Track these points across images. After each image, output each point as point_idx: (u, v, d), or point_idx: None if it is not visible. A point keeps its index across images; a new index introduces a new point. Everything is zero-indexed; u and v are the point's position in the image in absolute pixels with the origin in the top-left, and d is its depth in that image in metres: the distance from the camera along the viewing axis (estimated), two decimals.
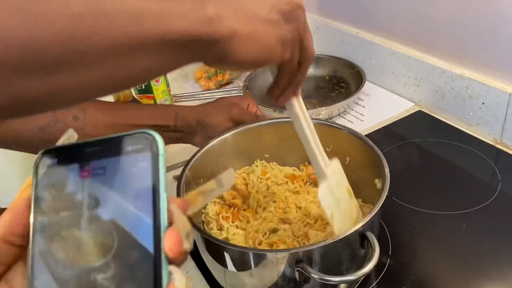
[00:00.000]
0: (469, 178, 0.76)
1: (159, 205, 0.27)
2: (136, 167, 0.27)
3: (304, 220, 0.59)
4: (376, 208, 0.51)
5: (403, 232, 0.66)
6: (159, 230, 0.26)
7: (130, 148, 0.28)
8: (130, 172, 0.27)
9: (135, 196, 0.27)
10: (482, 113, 0.83)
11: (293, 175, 0.69)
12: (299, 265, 0.47)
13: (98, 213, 0.27)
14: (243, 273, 0.52)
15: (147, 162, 0.27)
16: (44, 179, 0.28)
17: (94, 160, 0.28)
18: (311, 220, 0.59)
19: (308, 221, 0.59)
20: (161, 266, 0.26)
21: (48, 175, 0.28)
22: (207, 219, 0.65)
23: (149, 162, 0.27)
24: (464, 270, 0.60)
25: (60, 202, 0.28)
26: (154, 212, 0.26)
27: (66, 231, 0.27)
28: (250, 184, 0.67)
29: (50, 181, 0.28)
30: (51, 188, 0.28)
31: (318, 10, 1.18)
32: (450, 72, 0.87)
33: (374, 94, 1.01)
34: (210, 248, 0.54)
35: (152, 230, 0.26)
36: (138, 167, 0.27)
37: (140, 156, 0.27)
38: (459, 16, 0.82)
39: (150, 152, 0.27)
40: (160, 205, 0.27)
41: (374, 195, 0.59)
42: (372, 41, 1.02)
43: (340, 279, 0.48)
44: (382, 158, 0.58)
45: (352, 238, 0.49)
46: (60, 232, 0.27)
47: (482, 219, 0.67)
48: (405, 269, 0.60)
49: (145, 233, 0.26)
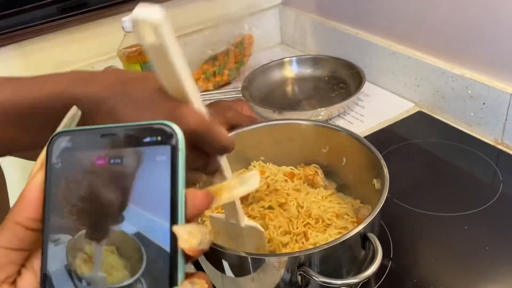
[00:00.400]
0: (470, 179, 0.75)
1: (176, 203, 0.26)
2: (154, 161, 0.26)
3: (305, 219, 0.59)
4: (377, 209, 0.50)
5: (404, 234, 0.65)
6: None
7: (148, 140, 0.27)
8: (148, 165, 0.26)
9: (152, 192, 0.26)
10: (482, 113, 0.83)
11: (292, 173, 0.68)
12: (301, 269, 0.46)
13: (113, 207, 0.27)
14: (242, 278, 0.51)
15: (166, 156, 0.26)
16: (57, 164, 0.28)
17: (111, 149, 0.27)
18: (311, 220, 0.58)
19: (309, 221, 0.58)
20: (177, 264, 0.25)
21: (62, 160, 0.28)
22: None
23: (168, 156, 0.26)
24: (466, 272, 0.59)
25: (74, 190, 0.27)
26: (172, 210, 0.26)
27: (78, 220, 0.27)
28: None
29: (64, 167, 0.27)
30: (65, 175, 0.27)
31: (317, 10, 1.17)
32: (451, 72, 0.86)
33: (374, 95, 1.01)
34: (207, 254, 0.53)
35: (168, 228, 0.26)
36: (157, 160, 0.26)
37: (158, 148, 0.27)
38: (459, 16, 0.82)
39: (169, 146, 0.26)
40: (178, 203, 0.26)
41: (373, 196, 0.58)
42: (372, 41, 1.01)
43: (343, 282, 0.47)
44: (380, 158, 0.58)
45: (354, 240, 0.49)
46: (73, 220, 0.27)
47: (484, 221, 0.66)
48: (407, 272, 0.60)
49: (160, 230, 0.26)
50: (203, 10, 1.17)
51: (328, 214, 0.60)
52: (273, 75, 1.09)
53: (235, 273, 0.51)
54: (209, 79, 1.12)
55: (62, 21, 0.98)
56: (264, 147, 0.70)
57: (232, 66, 1.12)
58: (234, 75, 1.13)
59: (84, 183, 0.27)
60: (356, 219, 0.60)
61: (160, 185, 0.26)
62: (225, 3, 1.19)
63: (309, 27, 1.19)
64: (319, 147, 0.69)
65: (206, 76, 1.12)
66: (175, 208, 0.26)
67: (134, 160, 0.27)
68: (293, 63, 1.10)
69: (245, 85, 1.01)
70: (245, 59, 1.16)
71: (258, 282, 0.50)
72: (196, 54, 1.17)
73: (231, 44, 1.16)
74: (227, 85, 1.13)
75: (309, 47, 1.22)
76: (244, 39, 1.17)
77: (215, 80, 1.11)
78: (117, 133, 0.27)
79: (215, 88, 1.11)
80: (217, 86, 1.12)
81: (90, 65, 1.05)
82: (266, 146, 0.70)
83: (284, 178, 0.67)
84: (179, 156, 0.26)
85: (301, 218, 0.59)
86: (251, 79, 1.04)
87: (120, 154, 0.27)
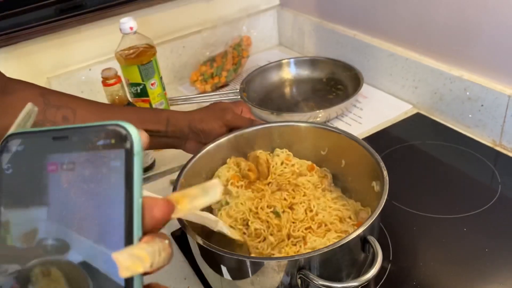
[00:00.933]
0: (468, 180, 0.75)
1: (132, 215, 0.24)
2: (107, 167, 0.24)
3: (309, 223, 0.58)
4: (377, 211, 0.50)
5: (404, 236, 0.65)
6: (131, 243, 0.24)
7: (102, 143, 0.25)
8: (101, 171, 0.24)
9: (106, 203, 0.24)
10: (481, 115, 0.83)
11: (312, 166, 0.68)
12: (301, 272, 0.46)
13: (65, 216, 0.24)
14: (242, 281, 0.51)
15: (120, 161, 0.24)
16: (9, 168, 0.26)
17: (63, 153, 0.25)
18: (314, 225, 0.58)
19: (311, 225, 0.58)
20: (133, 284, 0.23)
21: (14, 164, 0.26)
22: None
23: (122, 161, 0.24)
24: (466, 274, 0.59)
25: (25, 197, 0.25)
26: (127, 223, 0.24)
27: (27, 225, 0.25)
28: (273, 166, 0.66)
29: (15, 172, 0.26)
30: (16, 180, 0.25)
31: (315, 12, 1.17)
32: (449, 74, 0.86)
33: (372, 96, 1.00)
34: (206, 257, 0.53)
35: (123, 241, 0.24)
36: (110, 166, 0.24)
37: (112, 152, 0.24)
38: (458, 17, 0.82)
39: (123, 149, 0.24)
40: (133, 215, 0.24)
41: (372, 198, 0.58)
42: (370, 43, 1.01)
43: (343, 285, 0.47)
44: (380, 161, 0.57)
45: (354, 243, 0.49)
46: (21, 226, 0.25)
47: (483, 222, 0.66)
48: (406, 274, 0.59)
49: (115, 242, 0.24)
50: (201, 12, 1.17)
51: (332, 217, 0.59)
52: (271, 76, 1.09)
53: (234, 276, 0.51)
54: (207, 80, 1.12)
55: (60, 23, 0.98)
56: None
57: (230, 68, 1.12)
58: (232, 77, 1.13)
59: (35, 191, 0.25)
60: (356, 222, 0.60)
61: (115, 195, 0.24)
62: (223, 5, 1.19)
63: (307, 28, 1.19)
64: (318, 149, 0.68)
65: (204, 78, 1.12)
66: (131, 221, 0.24)
67: (87, 165, 0.25)
68: (291, 65, 1.10)
69: (243, 86, 1.01)
70: (243, 61, 1.16)
71: (257, 286, 0.50)
72: (194, 56, 1.17)
73: (229, 45, 1.16)
74: (225, 87, 1.13)
75: (307, 48, 1.22)
76: (242, 41, 1.17)
77: (213, 82, 1.11)
78: (69, 136, 0.25)
79: (213, 89, 1.11)
80: (215, 88, 1.11)
81: (87, 67, 1.05)
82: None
83: (306, 172, 0.67)
84: (135, 161, 0.24)
85: (305, 222, 0.59)
86: (249, 80, 1.04)
87: (73, 159, 0.25)
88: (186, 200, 0.26)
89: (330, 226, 0.58)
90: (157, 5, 1.09)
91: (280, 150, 0.69)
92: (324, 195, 0.64)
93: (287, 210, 0.60)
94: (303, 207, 0.60)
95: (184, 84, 1.17)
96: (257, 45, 1.26)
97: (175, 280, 0.62)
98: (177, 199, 0.26)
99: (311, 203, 0.61)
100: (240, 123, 0.69)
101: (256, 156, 0.67)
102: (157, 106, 0.90)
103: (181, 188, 0.59)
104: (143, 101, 0.89)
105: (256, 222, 0.58)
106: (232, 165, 0.67)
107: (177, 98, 1.04)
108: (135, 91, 0.87)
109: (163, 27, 1.13)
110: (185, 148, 0.71)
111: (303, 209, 0.60)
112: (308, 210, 0.60)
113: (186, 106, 1.01)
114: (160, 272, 0.25)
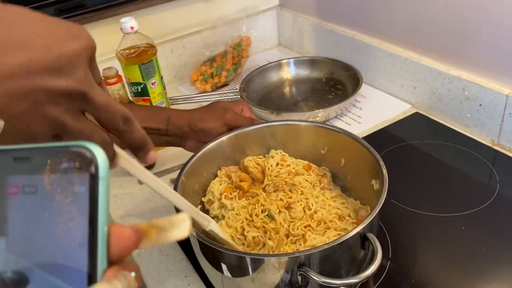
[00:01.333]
0: (467, 179, 0.76)
1: (96, 245, 0.22)
2: (70, 192, 0.23)
3: (308, 221, 0.59)
4: (376, 208, 0.50)
5: (402, 234, 0.66)
6: (95, 276, 0.22)
7: (65, 166, 0.23)
8: (65, 197, 0.23)
9: (68, 232, 0.22)
10: (479, 114, 0.83)
11: (309, 165, 0.68)
12: (301, 269, 0.47)
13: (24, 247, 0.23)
14: (242, 279, 0.51)
15: (85, 186, 0.23)
16: None
17: (25, 175, 0.23)
18: (313, 223, 0.59)
19: (311, 223, 0.58)
20: None
21: None
22: (210, 198, 0.65)
23: (86, 187, 0.22)
24: (464, 272, 0.59)
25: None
26: (90, 254, 0.22)
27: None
28: (268, 168, 0.66)
29: None
30: None
31: (314, 12, 1.18)
32: (447, 73, 0.87)
33: (371, 96, 1.01)
34: (206, 252, 0.53)
35: (86, 275, 0.22)
36: (74, 192, 0.23)
37: (76, 177, 0.23)
38: (456, 18, 0.82)
39: (88, 174, 0.23)
40: (97, 245, 0.22)
41: (371, 197, 0.59)
42: (369, 43, 1.02)
43: (343, 282, 0.47)
44: (379, 159, 0.58)
45: (354, 240, 0.49)
46: None
47: (481, 221, 0.67)
48: (405, 272, 0.60)
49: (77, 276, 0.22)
50: (201, 12, 1.17)
51: (331, 215, 0.60)
52: (271, 76, 1.10)
53: (235, 273, 0.51)
54: (207, 80, 1.12)
55: None
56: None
57: (230, 68, 1.13)
58: (231, 77, 1.14)
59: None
60: (356, 220, 0.61)
61: (78, 224, 0.22)
62: (223, 5, 1.19)
63: (307, 28, 1.20)
64: (318, 148, 0.69)
65: (204, 78, 1.12)
66: (94, 253, 0.22)
67: (49, 190, 0.23)
68: (290, 65, 1.10)
69: (243, 86, 1.02)
70: (243, 61, 1.16)
71: (258, 283, 0.50)
72: (194, 56, 1.17)
73: (229, 45, 1.16)
74: (225, 87, 1.14)
75: (306, 48, 1.23)
76: (241, 41, 1.17)
77: (212, 82, 1.11)
78: (31, 157, 0.23)
79: (213, 89, 1.11)
80: (215, 88, 1.12)
81: None
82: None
83: (303, 171, 0.67)
84: (100, 186, 0.22)
85: (304, 220, 0.59)
86: (249, 80, 1.04)
87: (35, 182, 0.23)
88: (153, 231, 0.25)
89: (329, 224, 0.59)
90: (157, 5, 1.09)
91: (274, 151, 0.69)
92: (323, 193, 0.64)
93: (283, 210, 0.60)
94: (301, 205, 0.60)
95: (184, 83, 1.18)
96: (256, 45, 1.26)
97: (176, 277, 0.63)
98: (145, 229, 0.25)
99: (309, 201, 0.61)
100: (240, 122, 0.70)
101: (244, 166, 0.67)
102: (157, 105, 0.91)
103: (182, 186, 0.59)
104: (143, 100, 0.89)
105: (252, 231, 0.59)
106: (223, 177, 0.67)
107: (177, 98, 1.04)
108: (135, 90, 0.88)
109: (163, 27, 1.13)
110: (185, 147, 0.71)
111: (301, 207, 0.60)
112: (307, 208, 0.60)
113: (186, 106, 1.01)
114: (160, 269, 0.24)
